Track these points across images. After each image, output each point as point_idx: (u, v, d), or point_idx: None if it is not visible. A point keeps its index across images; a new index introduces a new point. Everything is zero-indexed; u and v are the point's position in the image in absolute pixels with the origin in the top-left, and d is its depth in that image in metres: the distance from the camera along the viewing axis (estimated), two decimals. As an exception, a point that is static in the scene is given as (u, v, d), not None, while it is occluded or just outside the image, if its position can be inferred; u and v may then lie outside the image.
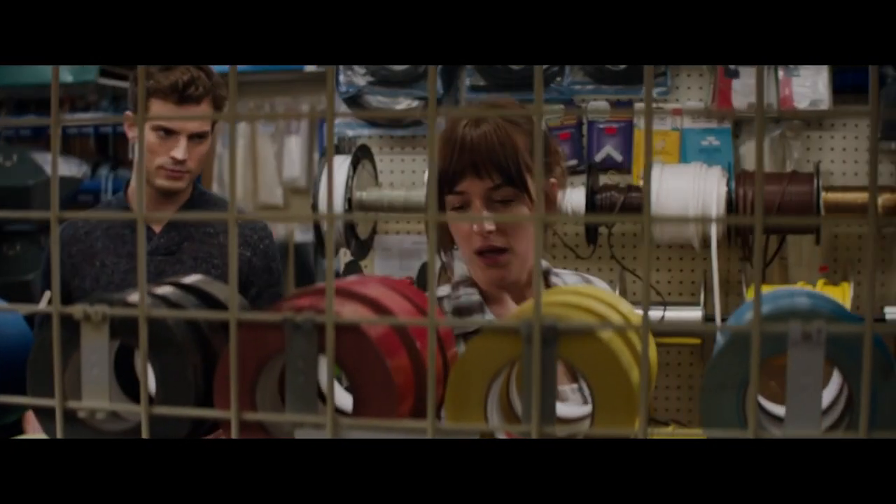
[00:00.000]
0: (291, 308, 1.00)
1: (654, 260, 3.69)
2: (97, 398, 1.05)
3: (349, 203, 3.39)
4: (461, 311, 1.96)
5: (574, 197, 3.34)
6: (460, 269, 2.09)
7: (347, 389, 1.08)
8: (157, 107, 2.85)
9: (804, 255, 3.40)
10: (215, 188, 6.03)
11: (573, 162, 3.75)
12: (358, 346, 0.99)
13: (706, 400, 0.98)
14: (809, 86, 3.27)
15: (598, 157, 3.70)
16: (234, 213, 0.98)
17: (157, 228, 2.97)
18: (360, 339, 0.99)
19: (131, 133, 3.08)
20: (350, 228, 3.40)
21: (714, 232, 3.10)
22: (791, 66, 3.30)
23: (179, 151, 2.86)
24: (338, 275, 5.86)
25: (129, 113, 3.09)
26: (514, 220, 1.76)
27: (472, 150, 1.86)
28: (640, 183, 3.35)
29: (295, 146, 6.28)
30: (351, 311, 1.04)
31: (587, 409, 1.14)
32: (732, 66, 3.39)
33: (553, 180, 1.95)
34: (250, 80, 5.62)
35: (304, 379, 0.99)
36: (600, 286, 2.00)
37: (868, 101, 3.36)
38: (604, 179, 3.51)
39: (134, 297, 1.09)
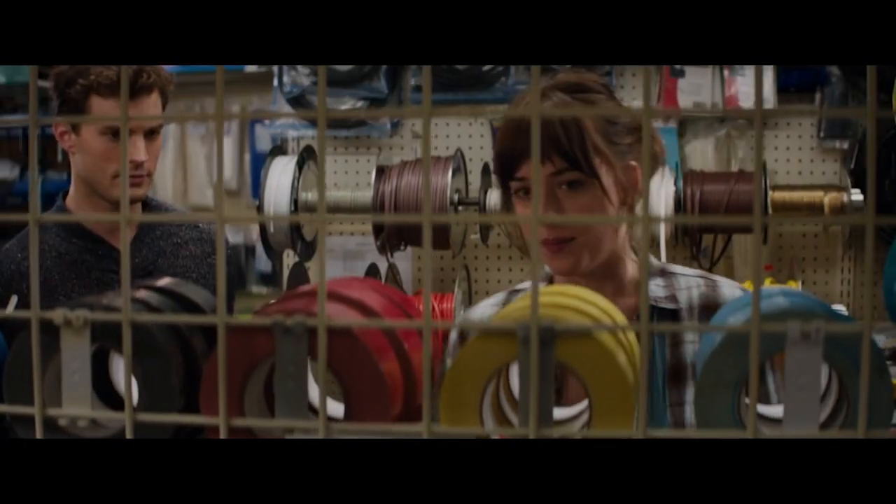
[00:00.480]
0: (280, 311, 0.98)
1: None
2: (78, 405, 1.02)
3: (295, 204, 3.35)
4: None
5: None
6: None
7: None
8: (101, 105, 2.49)
9: (749, 254, 3.43)
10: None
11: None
12: (350, 349, 0.97)
13: (701, 400, 0.98)
14: (754, 85, 3.29)
15: (543, 157, 3.71)
16: (221, 214, 0.96)
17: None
18: (352, 342, 0.97)
19: (66, 142, 2.59)
20: (296, 230, 3.37)
21: (662, 231, 3.11)
22: (737, 66, 3.33)
23: (139, 153, 2.49)
24: (268, 278, 5.81)
25: (59, 117, 2.63)
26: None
27: (530, 131, 1.71)
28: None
29: (226, 147, 6.22)
30: (339, 314, 1.02)
31: (578, 407, 1.13)
32: (678, 66, 3.41)
33: (633, 163, 1.81)
34: (179, 81, 5.51)
35: (294, 384, 0.97)
36: (727, 291, 1.89)
37: (813, 101, 3.42)
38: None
39: (112, 300, 1.06)
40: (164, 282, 1.18)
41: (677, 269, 1.94)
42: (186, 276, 2.59)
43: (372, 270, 3.52)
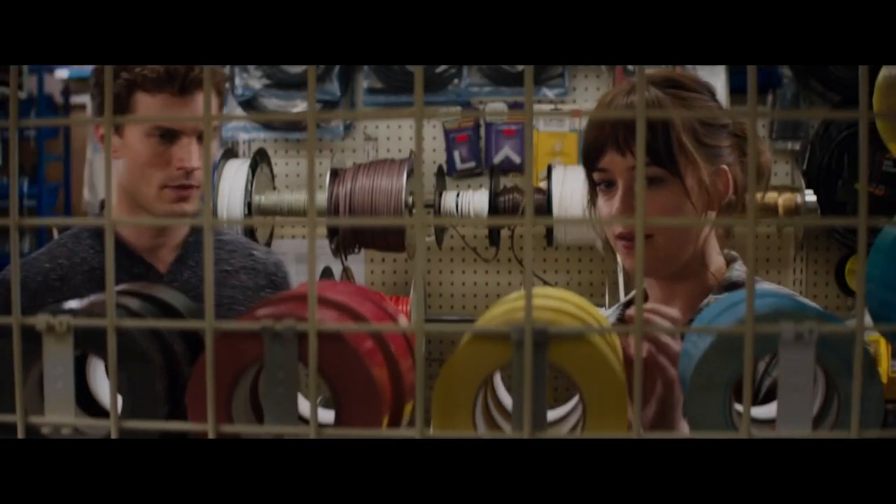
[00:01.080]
0: (269, 316, 0.97)
1: (554, 262, 3.72)
2: (62, 413, 1.00)
3: (248, 207, 3.33)
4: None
5: (476, 199, 3.34)
6: None
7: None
8: (147, 103, 2.11)
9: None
10: (86, 195, 5.86)
11: (471, 164, 3.76)
12: (340, 354, 0.96)
13: (692, 402, 0.98)
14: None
15: (497, 160, 3.72)
16: (209, 219, 0.94)
17: (162, 266, 2.25)
18: (343, 347, 0.96)
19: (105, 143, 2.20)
20: (250, 233, 3.34)
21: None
22: (689, 66, 3.35)
23: (191, 157, 2.12)
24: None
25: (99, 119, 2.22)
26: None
27: (616, 123, 1.68)
28: (542, 184, 3.36)
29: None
30: (326, 318, 1.01)
31: (567, 407, 1.13)
32: (631, 67, 3.42)
33: (725, 167, 1.74)
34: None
35: (283, 390, 0.96)
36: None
37: (765, 103, 3.45)
38: (504, 181, 3.52)
39: (91, 304, 1.04)
40: (139, 286, 1.16)
41: (764, 286, 1.74)
42: (233, 309, 2.25)
43: (326, 273, 3.50)
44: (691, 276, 1.78)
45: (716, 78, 3.32)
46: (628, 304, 1.91)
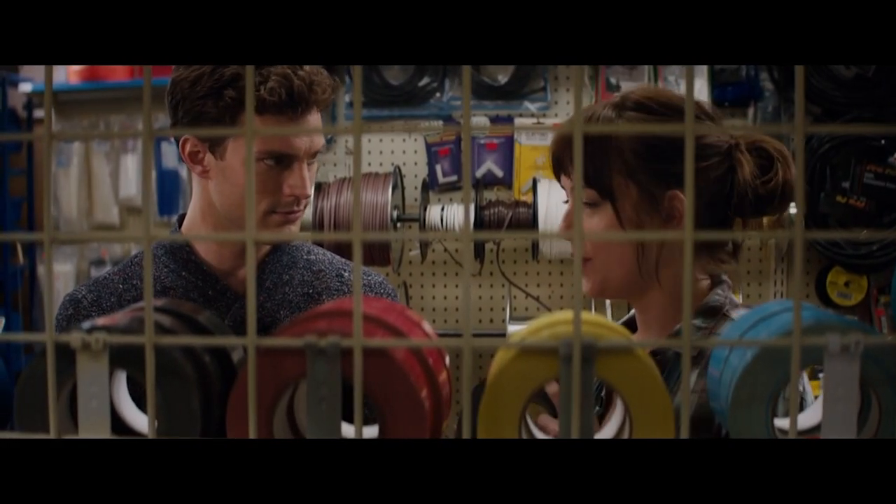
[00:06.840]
0: (311, 331, 0.96)
1: (536, 275, 3.72)
2: (97, 432, 0.99)
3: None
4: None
5: (461, 213, 3.34)
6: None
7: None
8: (259, 126, 1.88)
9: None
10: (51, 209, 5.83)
11: (453, 178, 3.76)
12: (386, 371, 0.95)
13: (735, 414, 0.98)
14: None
15: (479, 173, 3.72)
16: (251, 235, 0.93)
17: (240, 288, 2.05)
18: (389, 364, 0.95)
19: (201, 164, 1.98)
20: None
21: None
22: (670, 79, 3.37)
23: (304, 184, 1.95)
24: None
25: (190, 138, 1.99)
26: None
27: (563, 142, 1.67)
28: (524, 198, 3.36)
29: (131, 164, 6.11)
30: (365, 333, 1.00)
31: (612, 427, 1.12)
32: (614, 80, 3.43)
33: (678, 192, 1.66)
34: (84, 99, 5.38)
35: (326, 407, 0.95)
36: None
37: (746, 116, 3.47)
38: (488, 195, 3.52)
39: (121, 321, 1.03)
40: (164, 302, 1.15)
41: (741, 313, 1.56)
42: None
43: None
44: (659, 301, 1.71)
45: (696, 92, 3.33)
46: (625, 324, 1.81)
